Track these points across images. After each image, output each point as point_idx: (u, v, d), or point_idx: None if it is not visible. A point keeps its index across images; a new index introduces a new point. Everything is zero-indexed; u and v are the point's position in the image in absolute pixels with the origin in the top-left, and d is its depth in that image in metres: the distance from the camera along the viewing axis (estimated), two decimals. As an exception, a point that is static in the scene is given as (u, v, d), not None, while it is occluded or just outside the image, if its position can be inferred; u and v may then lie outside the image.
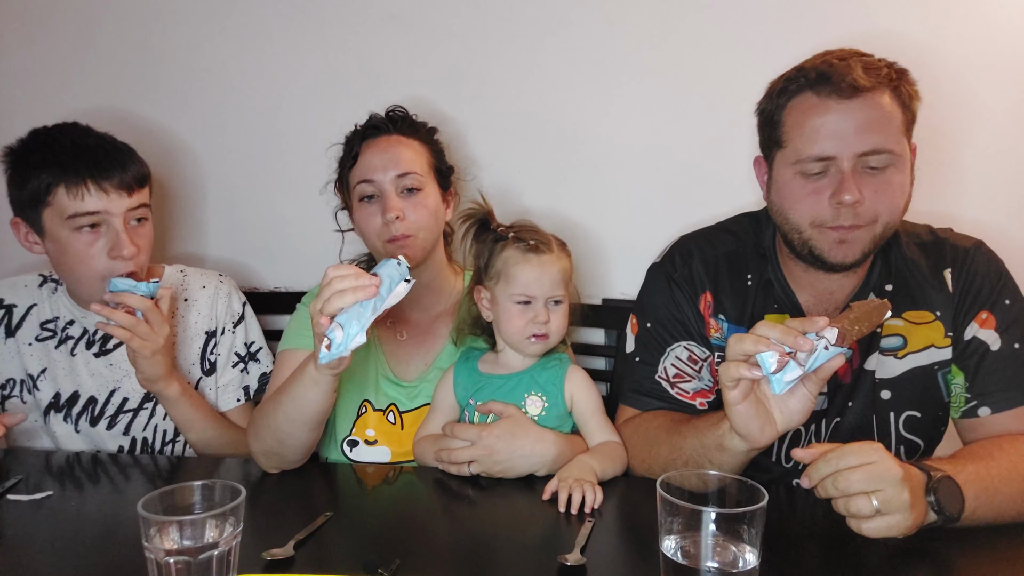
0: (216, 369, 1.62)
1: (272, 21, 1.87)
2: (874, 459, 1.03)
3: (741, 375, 1.05)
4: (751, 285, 1.38)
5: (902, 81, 1.23)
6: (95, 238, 1.43)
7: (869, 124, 1.19)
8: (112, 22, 1.91)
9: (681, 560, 0.88)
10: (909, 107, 1.24)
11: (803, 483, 1.07)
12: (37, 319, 1.57)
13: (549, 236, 1.39)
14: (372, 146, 1.50)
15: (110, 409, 1.56)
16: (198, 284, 1.63)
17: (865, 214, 1.22)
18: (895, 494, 1.01)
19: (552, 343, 1.38)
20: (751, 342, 1.05)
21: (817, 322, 1.04)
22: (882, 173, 1.21)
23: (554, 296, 1.35)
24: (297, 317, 1.56)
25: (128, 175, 1.44)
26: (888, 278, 1.33)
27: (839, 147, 1.20)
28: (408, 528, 1.17)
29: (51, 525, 1.17)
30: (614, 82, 1.79)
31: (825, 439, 1.35)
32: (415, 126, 1.56)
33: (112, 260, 1.43)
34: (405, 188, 1.47)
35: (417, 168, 1.49)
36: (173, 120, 1.93)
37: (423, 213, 1.48)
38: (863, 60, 1.22)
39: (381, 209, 1.46)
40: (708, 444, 1.19)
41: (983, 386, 1.29)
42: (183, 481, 0.91)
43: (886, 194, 1.22)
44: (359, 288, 1.11)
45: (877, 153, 1.20)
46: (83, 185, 1.40)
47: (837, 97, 1.20)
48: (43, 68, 1.93)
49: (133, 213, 1.46)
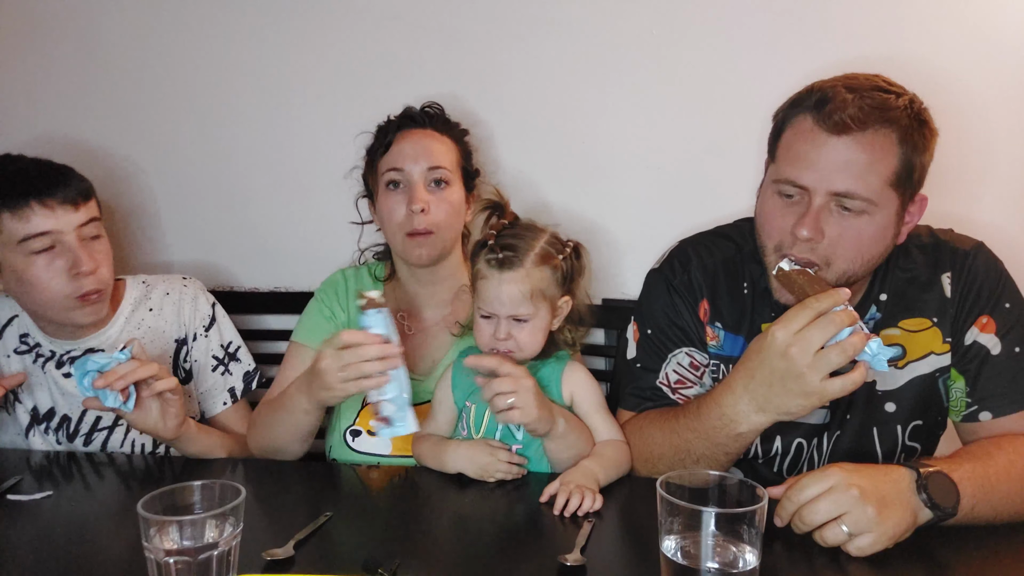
0: (194, 375, 1.60)
1: (228, 25, 1.88)
2: (831, 484, 1.04)
3: (856, 384, 1.07)
4: (747, 293, 1.37)
5: (914, 130, 1.16)
6: (51, 259, 1.40)
7: (849, 166, 1.15)
8: (49, 39, 1.91)
9: (681, 560, 0.88)
10: (911, 159, 1.17)
11: (776, 523, 1.09)
12: (17, 331, 1.55)
13: (532, 245, 1.30)
14: (406, 137, 1.52)
15: (84, 427, 1.54)
16: (162, 291, 1.61)
17: (821, 253, 1.19)
18: (860, 514, 1.02)
19: (523, 357, 1.32)
20: (858, 341, 1.06)
21: (841, 293, 1.07)
22: (856, 218, 1.18)
23: (515, 314, 1.29)
24: (309, 312, 1.59)
25: (71, 190, 1.41)
26: (883, 288, 1.33)
27: (814, 180, 1.17)
28: (408, 528, 1.17)
29: (51, 525, 1.17)
30: (616, 82, 1.79)
31: (827, 453, 1.35)
32: (449, 124, 1.59)
33: (73, 279, 1.40)
34: (433, 180, 1.49)
35: (447, 163, 1.51)
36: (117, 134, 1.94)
37: (447, 209, 1.49)
38: (874, 96, 1.15)
39: (407, 199, 1.48)
40: (720, 440, 1.19)
41: (984, 391, 1.28)
42: (183, 481, 0.91)
43: (850, 241, 1.18)
44: (388, 365, 1.20)
45: (850, 197, 1.16)
46: (27, 207, 1.37)
47: (826, 130, 1.15)
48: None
49: (85, 229, 1.43)
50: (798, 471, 1.37)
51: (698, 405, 1.24)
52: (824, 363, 1.07)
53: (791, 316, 1.09)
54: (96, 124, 1.94)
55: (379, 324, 1.22)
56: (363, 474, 1.40)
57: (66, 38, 1.91)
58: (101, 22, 1.90)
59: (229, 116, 1.91)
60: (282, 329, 1.91)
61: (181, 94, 1.91)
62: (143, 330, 1.57)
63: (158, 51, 1.90)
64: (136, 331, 1.56)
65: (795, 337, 1.08)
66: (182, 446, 1.43)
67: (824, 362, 1.07)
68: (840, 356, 1.06)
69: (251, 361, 1.66)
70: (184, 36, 1.89)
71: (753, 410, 1.15)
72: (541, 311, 1.31)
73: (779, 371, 1.09)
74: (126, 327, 1.56)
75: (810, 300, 1.09)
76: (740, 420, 1.16)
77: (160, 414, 1.35)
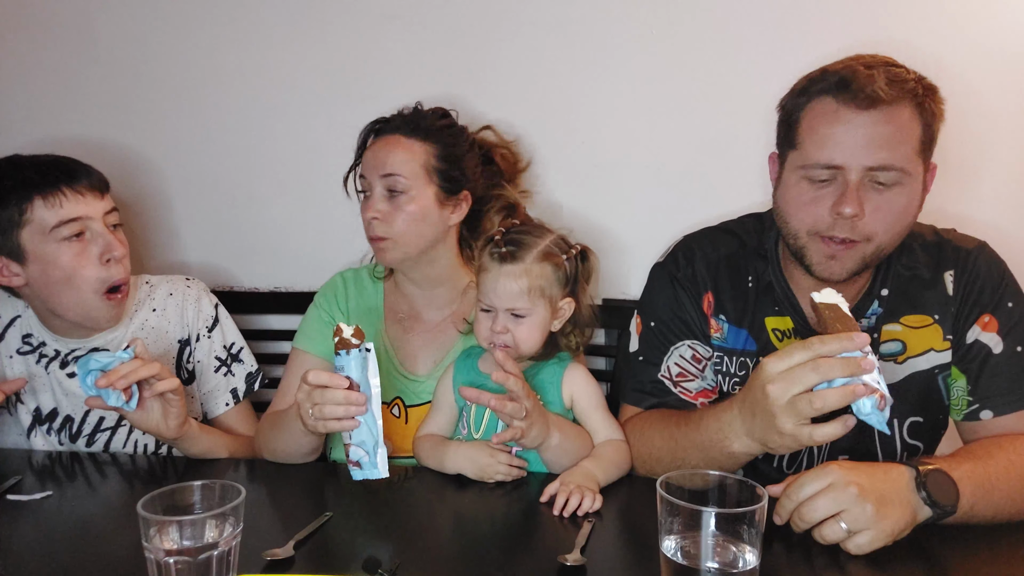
0: (196, 376, 1.60)
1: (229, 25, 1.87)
2: (829, 481, 1.04)
3: (841, 434, 1.01)
4: (752, 287, 1.38)
5: (928, 98, 1.19)
6: (83, 246, 1.42)
7: (883, 138, 1.17)
8: (56, 39, 1.91)
9: (681, 560, 0.88)
10: (931, 126, 1.20)
11: (775, 520, 1.08)
12: (19, 331, 1.55)
13: (536, 243, 1.31)
14: (373, 144, 1.53)
15: (87, 428, 1.54)
16: (164, 292, 1.61)
17: (862, 230, 1.20)
18: (859, 511, 1.02)
19: (520, 354, 1.32)
20: (837, 399, 0.98)
21: (858, 339, 0.99)
22: (888, 191, 1.19)
23: (513, 308, 1.30)
24: (308, 319, 1.59)
25: (95, 178, 1.46)
26: (885, 283, 1.33)
27: (848, 157, 1.18)
28: (408, 528, 1.17)
29: (51, 525, 1.17)
30: (617, 81, 1.79)
31: (827, 446, 1.34)
32: (420, 126, 1.51)
33: (104, 265, 1.43)
34: (388, 189, 1.47)
35: (404, 171, 1.46)
36: (119, 133, 1.94)
37: (403, 217, 1.46)
38: (889, 71, 1.17)
39: (369, 206, 1.49)
40: (714, 456, 1.18)
41: (985, 389, 1.28)
42: (183, 481, 0.91)
43: (887, 214, 1.20)
44: (352, 411, 1.18)
45: (886, 169, 1.17)
46: (59, 192, 1.39)
47: (855, 106, 1.17)
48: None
49: (110, 217, 1.47)
50: (797, 465, 1.38)
51: (700, 416, 1.24)
52: (795, 410, 1.01)
53: (788, 352, 1.03)
54: (98, 123, 1.94)
55: (350, 366, 1.18)
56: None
57: (63, 36, 1.91)
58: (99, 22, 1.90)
59: (229, 116, 1.91)
60: (283, 329, 1.92)
61: (183, 95, 1.92)
62: (146, 330, 1.57)
63: (156, 52, 1.90)
64: (139, 331, 1.56)
65: (780, 375, 1.02)
66: (184, 446, 1.43)
67: (796, 409, 1.01)
68: (809, 407, 1.00)
69: (254, 362, 1.66)
70: (183, 37, 1.89)
71: (744, 432, 1.13)
72: (539, 308, 1.31)
73: (760, 404, 1.06)
74: (130, 328, 1.56)
75: (815, 340, 1.02)
76: (733, 439, 1.15)
77: (162, 414, 1.35)
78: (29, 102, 1.94)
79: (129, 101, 1.93)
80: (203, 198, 1.97)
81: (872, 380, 1.00)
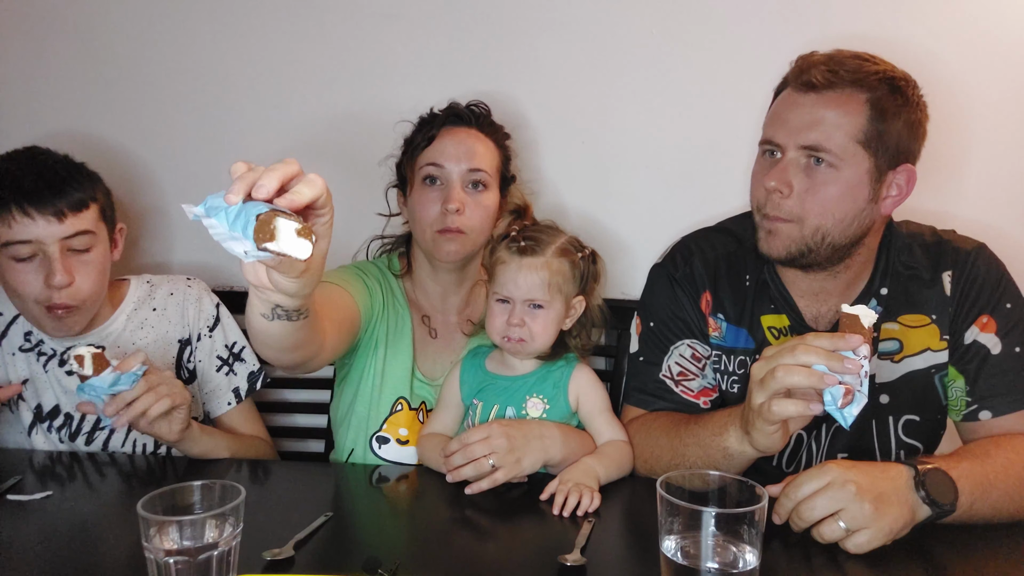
0: (198, 376, 1.60)
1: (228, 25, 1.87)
2: (828, 480, 1.04)
3: (800, 413, 1.01)
4: (749, 285, 1.38)
5: (887, 96, 1.20)
6: (29, 267, 1.39)
7: (816, 120, 1.21)
8: (63, 40, 1.90)
9: (681, 560, 0.88)
10: (883, 122, 1.20)
11: (774, 520, 1.09)
12: (21, 329, 1.54)
13: (553, 240, 1.34)
14: (450, 134, 1.49)
15: (86, 426, 1.54)
16: (165, 292, 1.61)
17: (790, 209, 1.23)
18: (857, 510, 1.02)
19: (533, 349, 1.34)
20: (803, 376, 0.99)
21: (851, 339, 1.00)
22: (821, 174, 1.22)
23: (531, 299, 1.31)
24: (344, 268, 1.53)
25: (62, 201, 1.38)
26: (884, 281, 1.34)
27: (785, 135, 1.24)
28: (408, 528, 1.17)
29: (51, 525, 1.17)
30: (617, 82, 1.79)
31: (825, 445, 1.35)
32: (494, 126, 1.55)
33: (46, 288, 1.39)
34: (472, 183, 1.46)
35: (487, 167, 1.48)
36: (121, 133, 1.93)
37: (481, 213, 1.47)
38: (844, 62, 1.21)
39: (443, 197, 1.44)
40: (713, 455, 1.19)
41: (984, 390, 1.29)
42: (183, 481, 0.91)
43: (815, 195, 1.22)
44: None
45: (817, 150, 1.21)
46: (9, 213, 1.37)
47: (797, 89, 1.24)
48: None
49: (72, 241, 1.40)
50: (796, 463, 1.38)
51: (710, 415, 1.25)
52: (765, 384, 1.02)
53: (779, 342, 1.07)
54: (99, 123, 1.93)
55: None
56: (363, 474, 1.40)
57: (69, 35, 1.91)
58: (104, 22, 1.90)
59: (231, 115, 1.91)
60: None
61: (184, 93, 1.91)
62: (146, 330, 1.57)
63: (161, 50, 1.90)
64: (139, 330, 1.56)
65: (765, 356, 1.05)
66: (185, 447, 1.43)
67: (765, 384, 1.02)
68: (775, 382, 1.00)
69: (255, 361, 1.66)
70: (182, 37, 1.89)
71: (739, 423, 1.15)
72: (556, 303, 1.33)
73: (748, 389, 1.09)
74: (128, 325, 1.56)
75: (810, 334, 1.05)
76: (731, 431, 1.17)
77: (167, 422, 1.34)
78: (29, 102, 1.94)
79: (129, 101, 1.92)
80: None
81: (852, 380, 1.00)
